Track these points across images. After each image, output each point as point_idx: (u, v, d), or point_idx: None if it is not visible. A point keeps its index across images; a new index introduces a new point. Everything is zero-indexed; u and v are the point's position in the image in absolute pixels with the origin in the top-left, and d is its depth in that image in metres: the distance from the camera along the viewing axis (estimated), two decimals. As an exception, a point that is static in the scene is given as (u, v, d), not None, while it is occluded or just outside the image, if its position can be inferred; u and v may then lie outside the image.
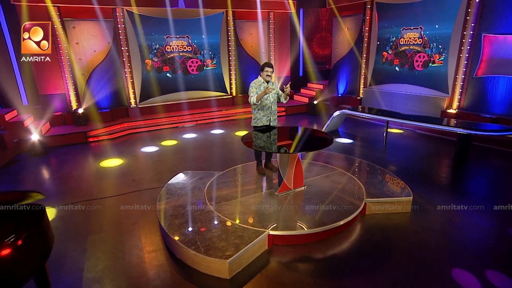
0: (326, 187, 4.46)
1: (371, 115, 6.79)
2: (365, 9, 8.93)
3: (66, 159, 6.53)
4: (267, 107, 4.62)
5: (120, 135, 8.20)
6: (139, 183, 5.19)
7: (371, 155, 6.20)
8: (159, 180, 5.22)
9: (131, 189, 4.97)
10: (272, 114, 4.70)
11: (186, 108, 9.81)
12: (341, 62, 10.17)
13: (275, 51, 11.01)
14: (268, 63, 4.54)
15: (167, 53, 9.60)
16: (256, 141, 4.39)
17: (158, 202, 4.17)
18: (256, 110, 4.70)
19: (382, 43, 8.84)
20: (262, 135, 4.57)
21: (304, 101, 10.69)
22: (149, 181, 5.25)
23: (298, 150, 4.04)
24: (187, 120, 9.27)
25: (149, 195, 4.71)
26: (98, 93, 8.77)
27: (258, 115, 4.69)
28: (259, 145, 4.20)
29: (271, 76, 4.57)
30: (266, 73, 4.51)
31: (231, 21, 9.97)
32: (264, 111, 4.64)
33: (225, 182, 4.76)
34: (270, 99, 4.61)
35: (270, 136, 4.53)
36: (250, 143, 4.23)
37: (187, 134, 8.25)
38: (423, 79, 8.01)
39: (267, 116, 4.67)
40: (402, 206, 4.00)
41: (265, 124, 4.70)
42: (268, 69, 4.50)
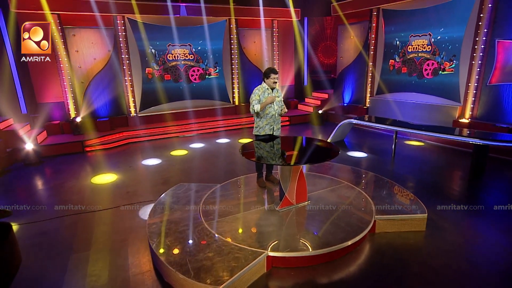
0: (331, 202, 4.11)
1: (379, 124, 6.46)
2: (371, 16, 8.71)
3: (60, 169, 6.28)
4: (270, 115, 4.33)
5: (119, 144, 7.96)
6: (133, 195, 4.90)
7: (379, 167, 5.85)
8: (155, 192, 4.92)
9: (124, 202, 4.67)
10: (276, 122, 4.42)
11: (188, 117, 9.58)
12: (347, 71, 9.90)
13: (278, 60, 10.80)
14: (274, 69, 4.28)
15: (168, 62, 9.44)
16: (258, 151, 4.08)
17: (149, 217, 3.86)
18: (258, 118, 4.42)
19: (389, 50, 8.56)
20: (265, 145, 4.27)
21: (309, 111, 10.41)
22: (143, 193, 4.96)
23: (301, 162, 3.72)
24: (188, 130, 9.02)
25: (142, 209, 4.41)
26: (97, 102, 8.59)
27: (261, 123, 4.40)
28: (259, 156, 3.89)
29: (277, 83, 4.31)
30: (272, 80, 4.24)
31: (234, 29, 9.81)
32: (267, 119, 4.36)
33: (223, 196, 4.45)
34: (274, 107, 4.34)
35: (274, 146, 4.23)
36: (248, 154, 3.93)
37: (187, 144, 7.98)
38: (432, 88, 7.68)
39: (270, 124, 4.38)
40: (415, 224, 3.64)
41: (268, 134, 4.41)
42: (274, 76, 4.24)
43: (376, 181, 4.88)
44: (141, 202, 4.62)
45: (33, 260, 3.29)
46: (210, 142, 8.07)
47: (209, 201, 4.27)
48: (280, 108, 4.40)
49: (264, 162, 3.64)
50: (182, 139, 8.53)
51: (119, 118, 8.81)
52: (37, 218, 4.17)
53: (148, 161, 6.63)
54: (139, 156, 7.05)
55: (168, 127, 8.88)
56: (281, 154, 3.94)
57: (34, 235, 3.78)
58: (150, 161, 6.62)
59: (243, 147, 4.06)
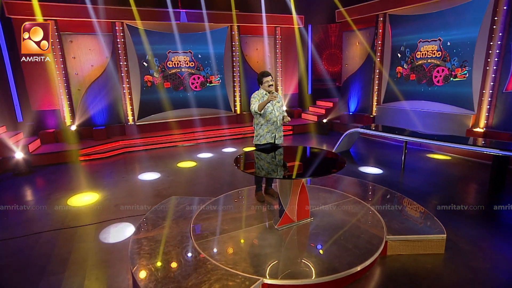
0: (337, 219, 3.70)
1: (387, 134, 6.06)
2: (377, 22, 8.40)
3: (49, 180, 5.95)
4: (271, 121, 3.97)
5: (114, 154, 7.64)
6: (121, 209, 4.53)
7: (388, 180, 5.42)
8: (146, 205, 4.55)
9: (111, 216, 4.31)
10: (278, 130, 4.05)
11: (188, 126, 9.26)
12: (352, 78, 9.56)
13: (282, 68, 10.52)
14: (265, 72, 3.94)
15: (168, 69, 9.19)
16: (258, 162, 3.71)
17: (134, 235, 3.48)
18: (259, 126, 4.06)
19: (397, 57, 8.21)
20: (264, 156, 3.89)
21: (313, 120, 10.04)
22: (133, 207, 4.58)
23: (303, 175, 3.33)
24: (188, 139, 8.69)
25: (129, 224, 4.03)
26: (94, 110, 8.33)
27: (261, 131, 4.03)
28: (255, 168, 3.51)
29: (273, 85, 3.96)
30: (267, 84, 3.90)
31: (235, 36, 9.56)
32: (268, 126, 3.99)
33: (217, 211, 4.06)
34: (275, 112, 3.97)
35: (274, 157, 3.85)
36: (244, 165, 3.55)
37: (186, 155, 7.64)
38: (443, 95, 7.28)
39: (271, 132, 4.02)
40: (433, 246, 3.20)
41: (269, 142, 4.04)
42: (267, 79, 3.90)
43: (386, 195, 4.46)
44: (128, 217, 4.25)
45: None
46: (208, 152, 7.72)
47: (201, 217, 3.88)
48: (281, 114, 4.05)
49: (260, 175, 3.24)
50: (180, 149, 8.19)
51: (116, 127, 8.52)
52: (11, 234, 3.81)
53: (144, 171, 6.28)
54: (134, 166, 6.72)
55: (167, 136, 8.56)
56: (281, 166, 3.55)
57: (6, 255, 3.41)
58: (146, 171, 6.27)
59: (237, 158, 3.69)
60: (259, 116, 3.99)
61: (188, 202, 4.41)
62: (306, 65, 11.33)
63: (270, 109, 3.95)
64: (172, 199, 4.56)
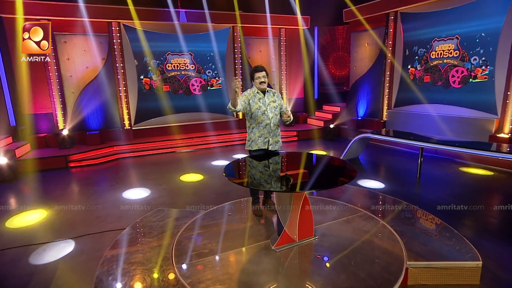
0: (346, 239, 3.14)
1: (401, 139, 5.49)
2: (388, 21, 7.88)
3: (32, 188, 5.51)
4: (263, 124, 3.45)
5: (107, 160, 7.20)
6: (103, 221, 4.04)
7: (402, 191, 4.84)
8: (130, 217, 4.05)
9: (91, 229, 3.81)
10: (272, 134, 3.52)
11: (187, 131, 8.79)
12: (361, 81, 9.02)
13: (286, 71, 10.03)
14: (258, 67, 3.43)
15: (167, 72, 8.78)
16: (250, 170, 3.19)
17: (105, 256, 2.97)
18: (250, 129, 3.56)
19: (409, 57, 7.67)
20: (258, 164, 3.37)
21: (319, 125, 9.50)
22: (116, 219, 4.09)
23: (306, 187, 2.80)
24: (187, 145, 8.22)
25: (108, 239, 3.53)
26: (88, 113, 7.93)
27: (253, 135, 3.52)
28: (248, 178, 2.99)
29: (265, 83, 3.45)
30: (258, 80, 3.40)
31: (238, 37, 9.14)
32: (259, 130, 3.48)
33: (207, 227, 3.53)
34: (269, 113, 3.45)
35: (270, 164, 3.32)
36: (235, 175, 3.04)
37: (183, 161, 7.16)
38: (462, 98, 6.69)
39: (264, 137, 3.49)
40: (465, 275, 2.62)
41: (261, 148, 3.52)
42: (258, 74, 3.39)
43: (403, 209, 3.88)
44: (108, 231, 3.75)
45: None
46: (205, 159, 7.22)
47: (188, 233, 3.36)
48: (276, 115, 3.52)
49: (254, 187, 2.70)
50: (178, 155, 7.72)
51: (111, 132, 8.10)
52: (-27, 252, 3.34)
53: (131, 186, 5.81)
54: (125, 172, 6.25)
55: (165, 142, 8.09)
56: (280, 176, 3.02)
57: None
58: (134, 186, 5.80)
59: (228, 167, 3.17)
60: (249, 117, 3.49)
61: (176, 214, 3.90)
62: (312, 69, 10.84)
63: (262, 110, 3.43)
64: (158, 211, 4.06)
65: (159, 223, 3.71)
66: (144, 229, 3.57)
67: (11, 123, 7.71)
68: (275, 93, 3.58)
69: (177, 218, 3.80)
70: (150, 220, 3.80)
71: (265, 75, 3.43)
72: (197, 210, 4.03)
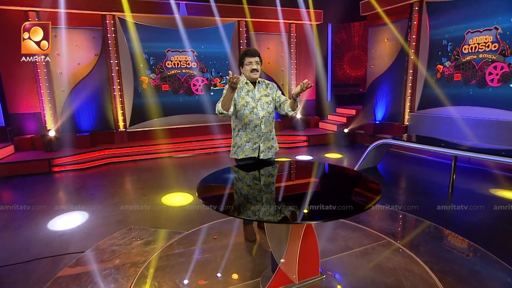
0: (365, 280, 2.29)
1: (429, 147, 4.58)
2: (412, 12, 6.97)
3: (2, 196, 4.88)
4: (252, 125, 2.66)
5: (97, 164, 6.54)
6: (65, 240, 3.31)
7: (432, 209, 3.92)
8: (99, 236, 3.30)
9: (48, 251, 3.08)
10: (263, 139, 2.72)
11: (188, 134, 8.06)
12: (379, 81, 8.11)
13: (297, 70, 9.22)
14: (249, 50, 2.66)
15: (167, 70, 8.11)
16: (236, 184, 2.40)
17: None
18: (235, 132, 2.77)
19: (436, 53, 6.73)
20: (244, 176, 2.57)
21: (332, 130, 8.62)
22: (82, 238, 3.35)
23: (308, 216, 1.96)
24: (186, 149, 7.50)
25: (65, 265, 2.79)
26: (79, 113, 7.32)
27: (239, 139, 2.73)
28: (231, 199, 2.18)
29: (258, 71, 2.66)
30: (249, 67, 2.63)
31: (244, 33, 8.40)
32: (247, 133, 2.68)
33: (184, 254, 2.75)
34: (259, 111, 2.66)
35: (260, 179, 2.52)
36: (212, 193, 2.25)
37: (178, 166, 6.44)
38: (501, 99, 5.70)
39: (253, 142, 2.70)
40: None
41: (250, 156, 2.71)
42: (250, 59, 2.62)
43: (438, 236, 3.00)
44: (70, 253, 3.01)
45: None
46: (206, 164, 6.47)
47: (158, 263, 2.59)
48: (269, 113, 2.72)
49: (233, 215, 1.87)
50: (176, 160, 7.00)
51: (104, 134, 7.46)
52: None
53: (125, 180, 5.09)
54: (116, 177, 5.56)
55: (162, 146, 7.39)
56: (272, 196, 2.20)
57: None
58: (119, 187, 5.08)
59: (207, 179, 2.37)
60: (234, 117, 2.71)
61: (149, 236, 3.14)
62: (325, 68, 9.98)
63: (250, 106, 2.65)
64: (129, 230, 3.31)
65: (125, 247, 2.95)
66: (104, 255, 2.82)
67: (0, 123, 7.21)
68: (268, 85, 2.79)
69: (149, 241, 3.04)
70: (116, 242, 3.05)
71: (258, 61, 2.64)
72: (178, 232, 3.25)
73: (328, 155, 7.03)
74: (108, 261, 2.70)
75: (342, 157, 6.86)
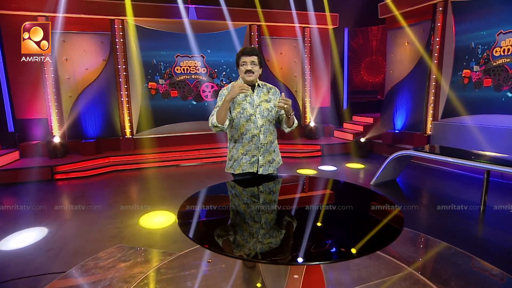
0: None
1: (459, 160, 4.06)
2: (435, 13, 6.47)
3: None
4: (249, 135, 2.30)
5: (100, 172, 6.33)
6: (52, 259, 3.02)
7: (463, 232, 3.41)
8: (86, 253, 3.00)
9: (31, 270, 2.80)
10: (263, 151, 2.34)
11: (196, 142, 7.77)
12: (399, 88, 7.59)
13: (311, 76, 8.82)
14: (246, 49, 2.29)
15: (176, 75, 7.90)
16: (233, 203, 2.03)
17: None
18: (231, 143, 2.42)
19: (463, 57, 6.19)
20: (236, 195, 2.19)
21: (348, 139, 8.14)
22: (70, 254, 3.06)
23: (313, 256, 1.55)
24: (194, 157, 7.21)
25: None
26: (85, 119, 7.17)
27: (235, 152, 2.37)
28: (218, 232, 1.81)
29: (254, 73, 2.29)
30: (244, 67, 2.27)
31: (255, 37, 8.11)
32: (244, 144, 2.32)
33: (174, 280, 2.38)
34: (257, 120, 2.30)
35: (259, 198, 2.13)
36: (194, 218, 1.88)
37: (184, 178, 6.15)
38: (537, 107, 5.12)
39: (250, 154, 2.32)
40: None
41: (248, 172, 2.34)
42: (245, 59, 2.26)
43: (470, 267, 2.51)
44: (45, 273, 2.71)
45: None
46: (215, 173, 6.14)
47: None
48: (270, 121, 2.35)
49: (221, 253, 1.48)
50: (182, 169, 6.72)
51: (109, 140, 7.27)
52: None
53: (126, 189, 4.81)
54: (116, 190, 5.31)
55: (168, 154, 7.13)
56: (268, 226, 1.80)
57: None
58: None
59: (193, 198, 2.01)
60: (230, 127, 2.35)
61: (138, 256, 2.80)
62: (341, 74, 9.53)
63: (247, 114, 2.29)
64: (118, 248, 2.99)
65: (108, 269, 2.62)
66: (84, 277, 2.50)
67: (9, 128, 7.14)
68: (270, 89, 2.42)
69: (135, 263, 2.70)
70: (99, 264, 2.73)
71: (255, 62, 2.28)
72: (169, 252, 2.90)
73: (350, 165, 6.56)
74: (94, 283, 2.37)
75: (364, 167, 6.37)
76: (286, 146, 7.38)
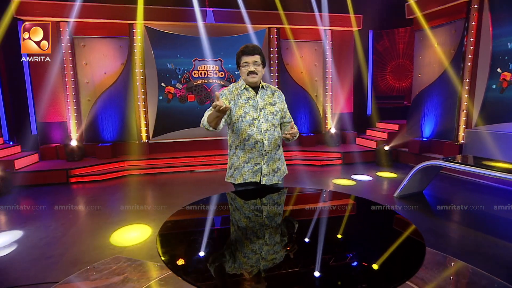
0: None
1: (498, 173, 3.59)
2: (469, 12, 5.96)
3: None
4: (251, 141, 2.05)
5: (114, 176, 6.30)
6: (47, 265, 2.90)
7: (501, 259, 2.95)
8: (85, 262, 2.85)
9: (24, 278, 2.68)
10: (266, 159, 2.08)
11: (212, 148, 7.61)
12: (428, 92, 7.07)
13: (332, 80, 8.45)
14: (247, 47, 2.05)
15: (193, 79, 7.81)
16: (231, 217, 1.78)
17: None
18: (232, 150, 2.17)
19: (500, 60, 5.63)
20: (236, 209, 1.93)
21: (371, 146, 7.66)
22: (67, 263, 2.92)
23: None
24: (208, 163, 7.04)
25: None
26: (102, 123, 7.21)
27: (236, 160, 2.13)
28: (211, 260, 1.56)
29: (257, 74, 2.04)
30: (245, 68, 2.03)
31: (275, 41, 7.88)
32: (245, 151, 2.07)
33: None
34: (261, 124, 2.04)
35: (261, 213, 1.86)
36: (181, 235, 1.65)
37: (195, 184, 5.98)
38: None
39: (253, 162, 2.07)
40: None
41: (250, 181, 2.08)
42: (246, 59, 2.02)
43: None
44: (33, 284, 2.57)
45: None
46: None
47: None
48: (275, 126, 2.09)
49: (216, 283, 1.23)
50: (197, 175, 6.56)
51: (125, 144, 7.25)
52: None
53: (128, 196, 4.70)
54: (128, 194, 5.22)
55: (183, 159, 7.00)
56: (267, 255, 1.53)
57: None
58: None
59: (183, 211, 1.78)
60: (231, 131, 2.11)
61: (133, 270, 2.60)
62: (365, 79, 9.09)
63: (250, 118, 2.04)
64: (114, 259, 2.81)
65: (99, 282, 2.43)
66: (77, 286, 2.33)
67: (33, 131, 7.31)
68: (275, 92, 2.16)
69: (127, 278, 2.50)
70: (90, 276, 2.55)
71: (258, 61, 2.03)
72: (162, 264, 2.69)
73: (381, 174, 6.12)
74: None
75: (380, 179, 5.92)
76: (303, 153, 7.04)
